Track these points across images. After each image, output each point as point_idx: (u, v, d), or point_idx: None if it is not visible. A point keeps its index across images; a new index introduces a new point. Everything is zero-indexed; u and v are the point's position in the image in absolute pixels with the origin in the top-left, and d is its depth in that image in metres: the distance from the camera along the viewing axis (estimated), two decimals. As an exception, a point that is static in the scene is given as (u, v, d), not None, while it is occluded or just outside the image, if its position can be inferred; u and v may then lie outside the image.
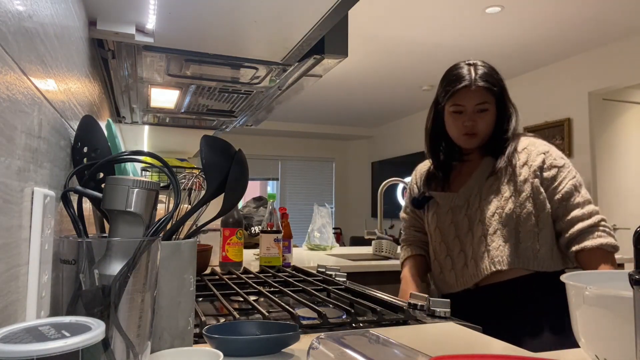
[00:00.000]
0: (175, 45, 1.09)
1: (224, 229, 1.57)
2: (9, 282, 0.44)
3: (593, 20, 3.49)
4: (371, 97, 5.85)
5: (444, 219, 1.37)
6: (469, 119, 1.30)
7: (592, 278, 0.73)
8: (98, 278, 0.49)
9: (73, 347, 0.33)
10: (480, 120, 1.31)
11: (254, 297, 1.13)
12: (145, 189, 0.56)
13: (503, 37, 3.76)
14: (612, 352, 0.61)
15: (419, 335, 0.84)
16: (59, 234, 0.64)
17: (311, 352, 0.62)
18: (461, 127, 1.32)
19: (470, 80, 1.29)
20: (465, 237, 1.32)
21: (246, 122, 1.91)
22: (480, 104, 1.30)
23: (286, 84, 1.37)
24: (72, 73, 0.77)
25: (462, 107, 1.31)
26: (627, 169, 4.26)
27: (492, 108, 1.31)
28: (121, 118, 1.85)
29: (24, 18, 0.47)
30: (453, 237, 1.34)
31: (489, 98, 1.30)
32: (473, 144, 1.34)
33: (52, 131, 0.61)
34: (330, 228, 2.78)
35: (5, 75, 0.41)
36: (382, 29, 3.71)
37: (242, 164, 0.75)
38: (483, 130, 1.32)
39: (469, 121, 1.30)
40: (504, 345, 0.79)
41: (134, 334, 0.49)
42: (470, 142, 1.34)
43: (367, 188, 7.95)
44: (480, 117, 1.31)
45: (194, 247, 0.69)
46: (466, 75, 1.30)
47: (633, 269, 0.50)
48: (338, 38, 1.10)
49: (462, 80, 1.30)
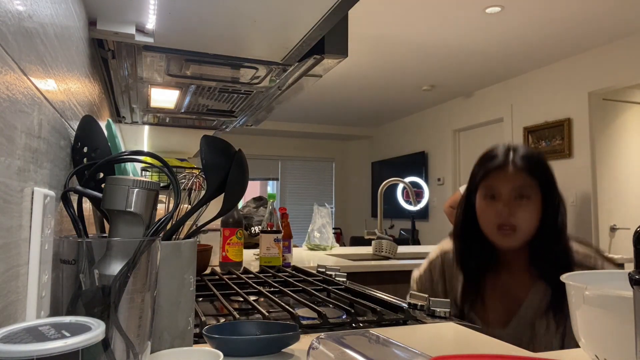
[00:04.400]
0: (175, 45, 1.09)
1: (224, 229, 1.57)
2: (9, 282, 0.44)
3: (593, 20, 3.49)
4: (371, 97, 5.85)
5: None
6: (505, 205, 1.06)
7: (592, 278, 0.73)
8: (98, 278, 0.49)
9: (73, 347, 0.33)
10: (519, 210, 1.06)
11: (254, 297, 1.13)
12: (145, 189, 0.56)
13: (503, 37, 3.76)
14: (612, 352, 0.61)
15: (419, 335, 0.84)
16: (59, 234, 0.64)
17: (311, 352, 0.62)
18: (494, 217, 1.07)
19: (506, 159, 1.09)
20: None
21: (246, 122, 1.91)
22: (520, 188, 1.07)
23: (286, 84, 1.37)
24: (72, 73, 0.77)
25: (495, 190, 1.08)
26: (627, 169, 4.26)
27: (536, 197, 1.07)
28: (121, 118, 1.85)
29: (24, 18, 0.47)
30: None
31: (531, 183, 1.07)
32: (512, 242, 1.07)
33: (52, 131, 0.61)
34: (330, 228, 2.78)
35: (5, 75, 0.41)
36: (382, 29, 3.71)
37: (242, 164, 0.75)
38: (524, 223, 1.06)
39: (505, 207, 1.06)
40: (504, 345, 0.79)
41: (134, 334, 0.49)
42: (509, 240, 1.07)
43: (367, 188, 7.95)
44: (520, 205, 1.06)
45: (194, 247, 0.69)
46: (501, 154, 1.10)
47: (633, 269, 0.50)
48: (338, 38, 1.10)
49: (496, 159, 1.10)
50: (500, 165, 1.09)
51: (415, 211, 6.23)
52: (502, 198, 1.08)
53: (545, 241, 1.07)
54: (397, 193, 6.69)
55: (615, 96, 4.26)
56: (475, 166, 1.15)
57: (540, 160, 1.11)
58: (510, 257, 1.12)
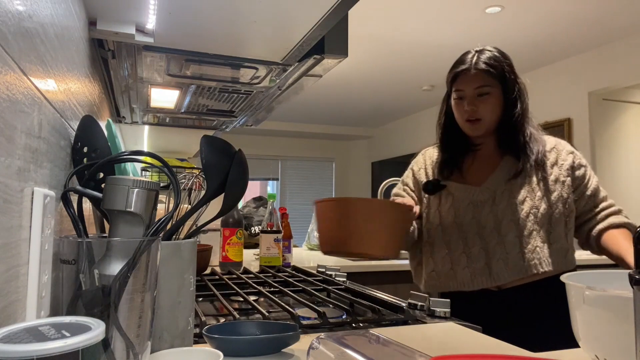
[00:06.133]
0: (175, 45, 1.09)
1: (224, 229, 1.57)
2: (9, 282, 0.44)
3: (593, 20, 3.49)
4: (371, 97, 5.85)
5: (463, 213, 1.30)
6: (469, 104, 1.27)
7: (592, 278, 0.73)
8: (98, 278, 0.49)
9: (73, 347, 0.33)
10: (481, 105, 1.26)
11: (254, 297, 1.13)
12: (145, 189, 0.56)
13: (503, 37, 3.76)
14: (612, 352, 0.61)
15: (419, 335, 0.84)
16: (59, 234, 0.64)
17: (311, 352, 0.62)
18: (463, 113, 1.29)
19: (470, 64, 1.27)
20: (490, 235, 1.26)
21: (246, 122, 1.91)
22: (479, 88, 1.26)
23: (286, 84, 1.37)
24: (72, 73, 0.77)
25: (462, 92, 1.28)
26: (627, 169, 4.26)
27: (496, 92, 1.27)
28: (121, 118, 1.85)
29: (24, 18, 0.47)
30: (474, 234, 1.28)
31: (490, 82, 1.26)
32: (477, 130, 1.29)
33: (52, 131, 0.61)
34: (330, 228, 2.77)
35: (5, 75, 0.41)
36: (382, 29, 3.71)
37: (242, 164, 0.75)
38: (486, 115, 1.27)
39: (469, 106, 1.27)
40: (504, 345, 0.79)
41: (134, 334, 0.49)
42: (474, 129, 1.29)
43: (367, 188, 7.95)
44: (482, 101, 1.26)
45: (194, 247, 0.69)
46: (468, 60, 1.29)
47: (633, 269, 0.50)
48: (338, 38, 1.10)
49: (463, 64, 1.29)
50: (464, 69, 1.28)
51: (415, 211, 6.21)
52: (467, 97, 1.28)
53: (508, 127, 1.29)
54: (397, 193, 6.68)
55: (615, 96, 4.26)
56: (448, 73, 1.34)
57: (501, 60, 1.28)
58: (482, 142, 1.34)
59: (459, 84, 1.29)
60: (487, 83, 1.26)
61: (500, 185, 1.29)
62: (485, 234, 1.27)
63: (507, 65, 1.29)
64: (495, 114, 1.28)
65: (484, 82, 1.26)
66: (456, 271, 1.30)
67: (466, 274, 1.29)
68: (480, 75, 1.26)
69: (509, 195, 1.27)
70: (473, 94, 1.27)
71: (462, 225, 1.30)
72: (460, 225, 1.31)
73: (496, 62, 1.27)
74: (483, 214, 1.28)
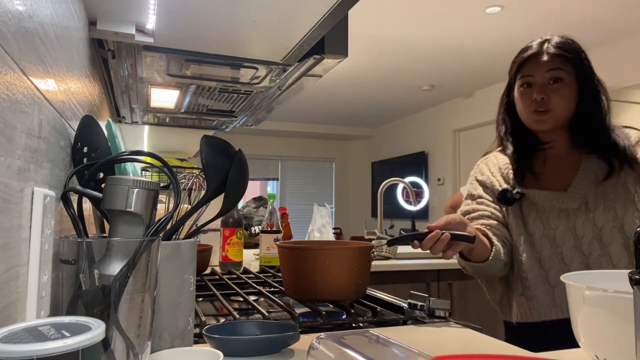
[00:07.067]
0: (175, 45, 1.09)
1: (224, 229, 1.57)
2: (9, 282, 0.44)
3: (593, 20, 3.49)
4: (371, 97, 5.85)
5: (555, 224, 1.11)
6: (540, 92, 1.09)
7: (592, 278, 0.73)
8: (98, 278, 0.49)
9: (73, 347, 0.33)
10: (553, 94, 1.09)
11: (254, 297, 1.13)
12: (145, 189, 0.56)
13: (503, 37, 3.76)
14: (612, 352, 0.61)
15: (419, 335, 0.84)
16: (59, 234, 0.64)
17: (311, 352, 0.62)
18: (530, 103, 1.11)
19: (540, 48, 1.11)
20: (590, 246, 1.08)
21: (246, 122, 1.91)
22: (552, 71, 1.09)
23: (286, 84, 1.37)
24: (72, 73, 0.77)
25: (531, 78, 1.11)
26: (627, 169, 4.26)
27: (570, 79, 1.10)
28: (121, 118, 1.85)
29: (24, 18, 0.47)
30: (570, 247, 1.09)
31: (564, 66, 1.09)
32: (545, 124, 1.11)
33: (52, 131, 0.61)
34: (330, 228, 2.78)
35: (5, 75, 0.41)
36: (382, 29, 3.71)
37: (242, 164, 0.75)
38: (558, 105, 1.09)
39: (539, 94, 1.09)
40: (504, 345, 0.79)
41: (134, 334, 0.49)
42: (543, 122, 1.11)
43: (367, 188, 7.95)
44: (553, 89, 1.09)
45: (194, 247, 0.69)
46: (536, 45, 1.13)
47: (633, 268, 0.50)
48: (338, 38, 1.10)
49: (531, 49, 1.13)
50: (534, 54, 1.12)
51: (415, 211, 6.22)
52: (537, 84, 1.11)
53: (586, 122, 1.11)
54: (397, 193, 6.69)
55: (615, 96, 4.25)
56: (512, 61, 1.17)
57: (575, 45, 1.13)
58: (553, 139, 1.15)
59: (527, 69, 1.12)
60: (560, 66, 1.09)
61: (591, 189, 1.11)
62: (583, 247, 1.08)
63: (583, 52, 1.13)
64: (568, 106, 1.11)
65: (557, 65, 1.09)
66: (555, 294, 1.09)
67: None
68: (553, 59, 1.10)
69: (604, 199, 1.09)
70: (544, 80, 1.10)
71: (555, 237, 1.11)
72: (552, 238, 1.11)
73: (571, 47, 1.12)
74: (578, 223, 1.10)
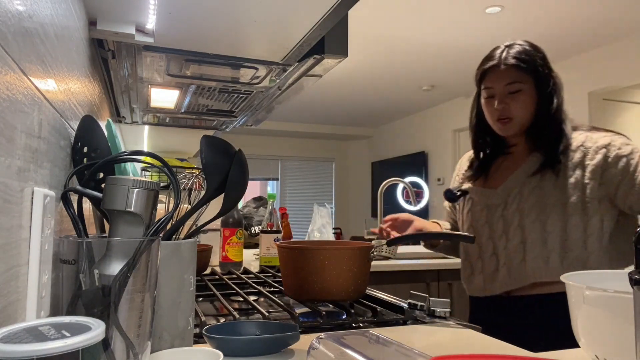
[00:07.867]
0: (175, 45, 1.09)
1: (224, 229, 1.57)
2: (9, 282, 0.44)
3: (593, 20, 3.49)
4: (371, 97, 5.85)
5: (478, 217, 1.27)
6: (500, 102, 1.19)
7: (592, 278, 0.73)
8: (98, 278, 0.49)
9: (73, 347, 0.33)
10: (513, 103, 1.18)
11: (254, 297, 1.13)
12: (145, 189, 0.56)
13: (503, 37, 3.75)
14: (612, 352, 0.61)
15: (419, 335, 0.84)
16: (59, 234, 0.64)
17: (311, 352, 0.62)
18: (493, 112, 1.21)
19: (499, 59, 1.20)
20: (499, 239, 1.22)
21: (246, 122, 1.91)
22: (510, 84, 1.18)
23: (286, 84, 1.37)
24: (72, 73, 0.77)
25: (492, 90, 1.21)
26: (627, 169, 4.25)
27: (529, 87, 1.18)
28: (121, 118, 1.85)
29: (24, 18, 0.47)
30: (486, 238, 1.24)
31: (521, 77, 1.18)
32: (509, 130, 1.21)
33: (52, 131, 0.61)
34: (330, 228, 2.78)
35: (5, 75, 0.41)
36: (382, 29, 3.71)
37: (242, 164, 0.75)
38: (519, 113, 1.19)
39: (499, 104, 1.19)
40: (504, 345, 0.79)
41: (134, 334, 0.49)
42: (506, 129, 1.21)
43: (367, 188, 7.95)
44: (513, 99, 1.18)
45: (194, 247, 0.69)
46: (496, 55, 1.21)
47: (633, 268, 0.50)
48: (338, 38, 1.10)
49: (491, 60, 1.21)
50: (493, 65, 1.21)
51: (415, 211, 6.21)
52: (497, 95, 1.21)
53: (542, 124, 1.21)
54: (397, 193, 6.69)
55: (615, 96, 4.26)
56: (476, 70, 1.27)
57: (532, 54, 1.20)
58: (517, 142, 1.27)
59: (488, 81, 1.22)
60: (518, 79, 1.18)
61: (514, 188, 1.22)
62: (495, 239, 1.23)
63: (540, 59, 1.21)
64: (528, 112, 1.20)
65: (515, 78, 1.19)
66: (474, 277, 1.28)
67: (480, 280, 1.26)
68: (511, 71, 1.18)
69: (519, 199, 1.20)
70: (503, 92, 1.20)
71: (477, 229, 1.27)
72: (475, 230, 1.27)
73: (527, 56, 1.19)
74: (494, 218, 1.23)
